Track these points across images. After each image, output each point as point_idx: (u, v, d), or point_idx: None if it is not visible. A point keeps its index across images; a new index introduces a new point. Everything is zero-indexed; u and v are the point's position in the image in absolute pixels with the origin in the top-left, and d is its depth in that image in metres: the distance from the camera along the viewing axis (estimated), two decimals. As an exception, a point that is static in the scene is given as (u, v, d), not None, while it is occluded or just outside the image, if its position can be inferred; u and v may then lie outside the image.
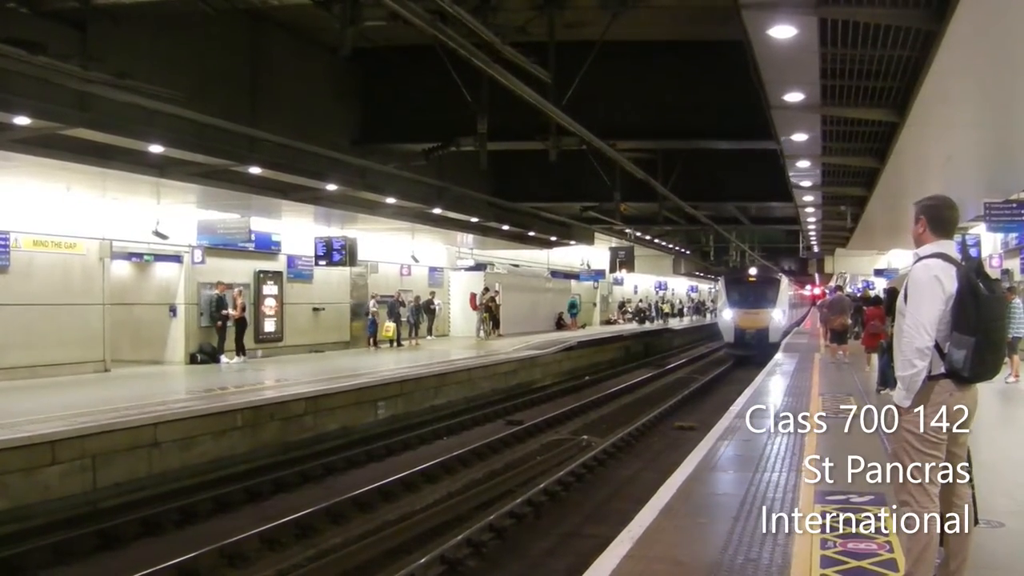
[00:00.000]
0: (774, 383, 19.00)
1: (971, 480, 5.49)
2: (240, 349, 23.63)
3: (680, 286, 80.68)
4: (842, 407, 14.96)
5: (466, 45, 12.33)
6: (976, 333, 4.96)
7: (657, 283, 69.15)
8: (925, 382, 5.05)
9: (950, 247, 5.25)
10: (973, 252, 26.55)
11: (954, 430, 5.15)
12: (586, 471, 15.44)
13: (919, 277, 5.12)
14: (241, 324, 23.55)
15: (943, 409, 5.06)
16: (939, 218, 5.33)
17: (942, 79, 10.07)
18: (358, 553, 10.68)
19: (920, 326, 5.01)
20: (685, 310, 76.01)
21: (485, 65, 12.97)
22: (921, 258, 5.22)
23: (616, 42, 16.51)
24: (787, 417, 13.98)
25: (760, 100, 12.39)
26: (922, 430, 5.06)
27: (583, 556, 9.16)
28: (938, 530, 5.11)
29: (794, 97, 12.06)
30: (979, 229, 26.09)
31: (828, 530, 6.77)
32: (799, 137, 14.67)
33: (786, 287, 42.95)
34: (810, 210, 26.23)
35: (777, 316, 39.58)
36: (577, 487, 14.51)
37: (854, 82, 11.49)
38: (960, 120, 12.73)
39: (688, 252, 47.96)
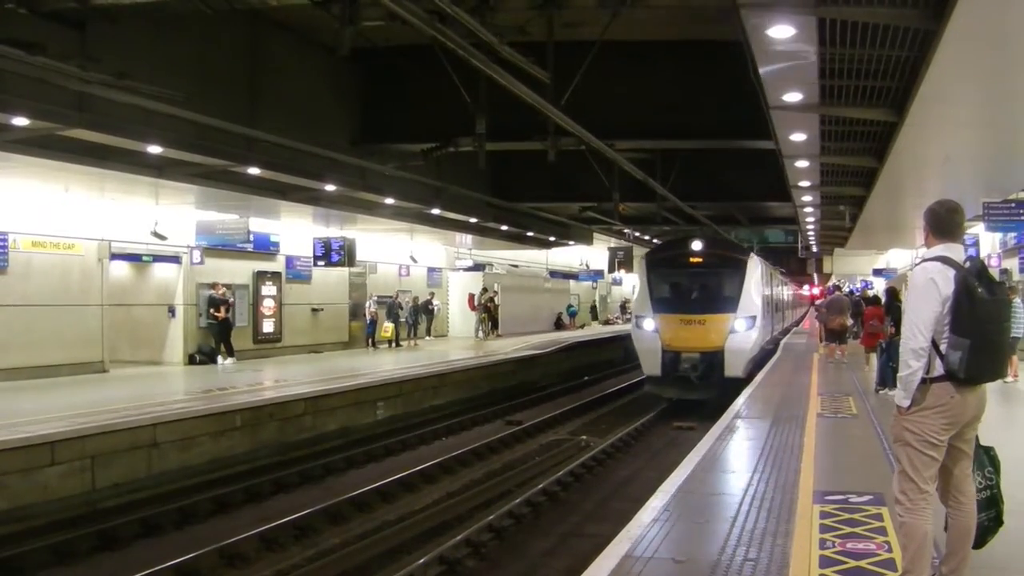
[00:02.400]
0: (773, 383, 19.01)
1: (997, 483, 5.51)
2: (229, 350, 23.56)
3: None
4: (841, 407, 15.01)
5: (464, 45, 12.32)
6: (971, 335, 4.97)
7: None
8: (925, 383, 5.06)
9: (955, 250, 5.27)
10: (971, 252, 26.54)
11: (958, 430, 5.17)
12: (585, 471, 15.46)
13: (916, 280, 5.18)
14: (224, 325, 23.43)
15: (944, 410, 5.07)
16: (938, 222, 5.38)
17: (940, 79, 10.07)
18: (357, 553, 10.69)
19: (915, 327, 5.05)
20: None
21: (483, 65, 12.96)
22: (923, 261, 5.26)
23: (615, 42, 16.50)
24: (786, 417, 14.06)
25: (759, 100, 12.39)
26: (922, 431, 5.07)
27: (582, 556, 9.17)
28: (931, 528, 5.13)
29: (793, 97, 12.06)
30: (978, 229, 26.08)
31: (827, 530, 6.80)
32: (797, 137, 14.67)
33: (760, 276, 24.68)
34: (809, 210, 26.22)
35: (741, 328, 22.76)
36: (576, 487, 14.53)
37: (852, 82, 11.49)
38: (959, 120, 12.73)
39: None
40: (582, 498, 13.86)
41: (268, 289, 26.89)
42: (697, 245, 24.37)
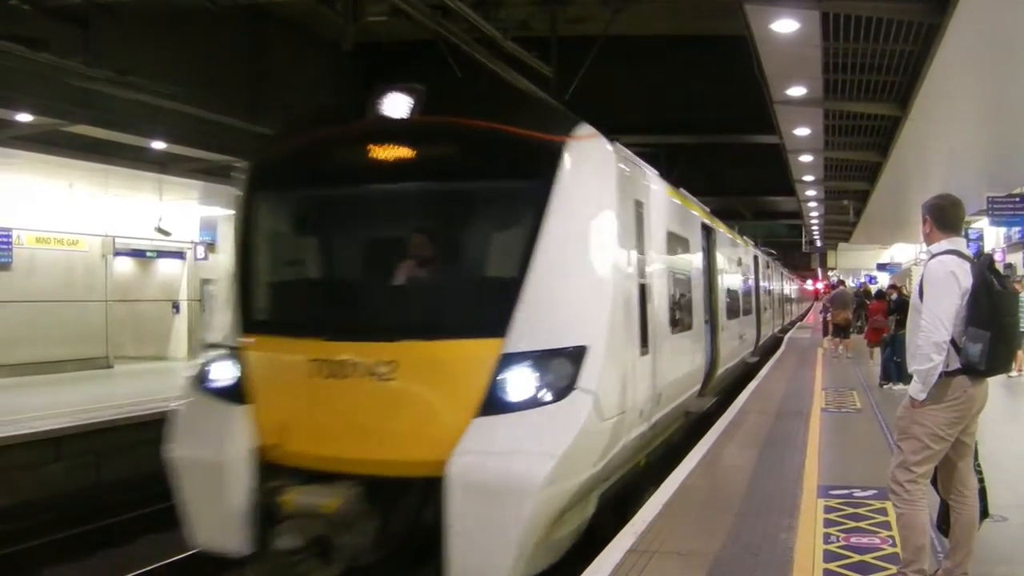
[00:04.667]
0: (777, 378, 18.98)
1: (981, 475, 5.51)
2: None
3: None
4: (845, 402, 14.95)
5: (468, 40, 12.35)
6: (991, 327, 4.97)
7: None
8: (941, 377, 5.03)
9: (961, 244, 5.28)
10: (974, 247, 26.52)
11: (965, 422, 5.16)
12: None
13: (935, 273, 5.09)
14: None
15: (957, 404, 5.06)
16: (944, 217, 5.35)
17: (944, 73, 10.06)
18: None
19: (938, 321, 4.97)
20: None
21: (487, 60, 12.98)
22: (935, 255, 5.20)
23: (618, 37, 16.50)
24: (790, 412, 14.03)
25: (763, 95, 12.39)
26: (933, 424, 5.04)
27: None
28: (928, 520, 5.12)
29: (797, 91, 12.07)
30: (982, 223, 26.04)
31: (831, 524, 6.80)
32: (802, 131, 14.67)
33: (633, 211, 8.29)
34: (813, 204, 26.23)
35: (520, 389, 6.41)
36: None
37: (856, 76, 11.48)
38: (962, 114, 12.72)
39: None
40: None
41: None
42: (395, 104, 7.31)
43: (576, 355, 6.58)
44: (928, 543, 5.12)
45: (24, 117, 12.84)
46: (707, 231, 14.22)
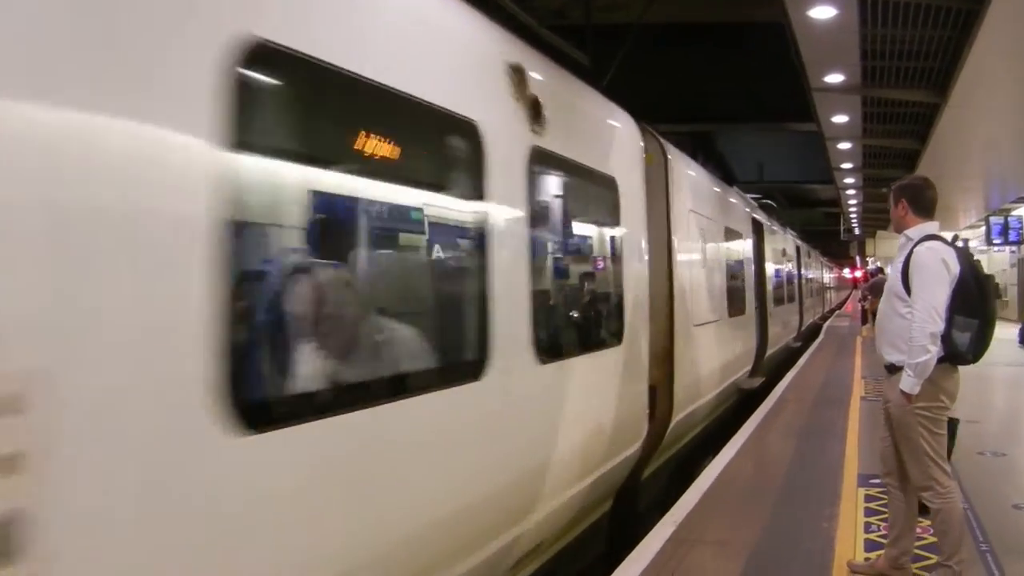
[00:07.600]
0: (816, 366, 18.90)
1: None
2: None
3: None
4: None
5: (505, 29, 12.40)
6: (979, 315, 4.92)
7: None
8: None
9: (936, 228, 5.22)
10: (1013, 235, 26.38)
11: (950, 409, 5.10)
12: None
13: (926, 261, 4.94)
14: None
15: (947, 388, 5.00)
16: (920, 198, 5.30)
17: (983, 59, 9.97)
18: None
19: (933, 311, 4.82)
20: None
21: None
22: (919, 240, 5.08)
23: (654, 24, 16.46)
24: (829, 400, 13.98)
25: (800, 82, 12.35)
26: (934, 412, 4.97)
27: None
28: (962, 508, 5.07)
29: (834, 78, 12.01)
30: (1021, 211, 25.84)
31: (871, 513, 6.80)
32: (839, 119, 14.59)
33: None
34: (851, 192, 26.05)
35: None
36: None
37: (895, 63, 11.41)
38: (1002, 100, 12.59)
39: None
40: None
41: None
42: None
43: None
44: (964, 532, 5.06)
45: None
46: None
